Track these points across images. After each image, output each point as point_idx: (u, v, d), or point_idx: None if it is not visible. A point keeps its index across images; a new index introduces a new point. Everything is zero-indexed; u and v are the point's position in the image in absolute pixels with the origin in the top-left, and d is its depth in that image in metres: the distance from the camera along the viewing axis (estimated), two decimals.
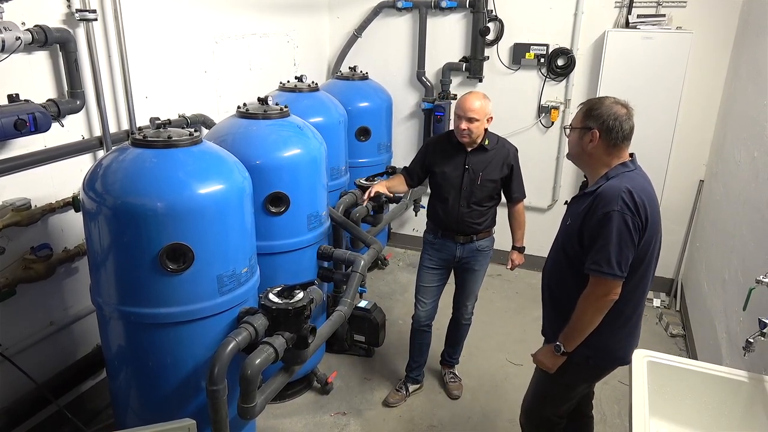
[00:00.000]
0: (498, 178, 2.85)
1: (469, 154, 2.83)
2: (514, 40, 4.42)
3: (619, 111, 1.94)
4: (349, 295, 2.84)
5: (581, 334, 2.00)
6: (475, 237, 2.93)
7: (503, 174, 2.86)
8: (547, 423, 2.31)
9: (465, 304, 3.15)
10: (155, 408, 2.31)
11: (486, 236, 2.98)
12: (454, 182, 2.85)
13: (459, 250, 2.95)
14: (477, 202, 2.86)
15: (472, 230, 2.91)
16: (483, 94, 2.80)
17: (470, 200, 2.85)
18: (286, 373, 2.47)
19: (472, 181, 2.82)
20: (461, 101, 2.78)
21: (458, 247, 2.95)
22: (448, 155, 2.88)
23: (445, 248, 2.98)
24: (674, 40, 3.88)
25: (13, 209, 2.43)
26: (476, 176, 2.82)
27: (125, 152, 2.16)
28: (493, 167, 2.84)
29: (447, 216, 2.90)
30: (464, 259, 2.98)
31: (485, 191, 2.85)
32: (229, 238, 2.22)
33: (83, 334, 2.87)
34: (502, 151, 2.86)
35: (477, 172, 2.82)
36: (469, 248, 2.95)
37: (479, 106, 2.72)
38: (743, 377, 1.93)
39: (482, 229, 2.93)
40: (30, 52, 2.47)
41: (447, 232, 2.95)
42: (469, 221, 2.88)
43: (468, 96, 2.78)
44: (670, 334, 3.93)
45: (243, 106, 2.89)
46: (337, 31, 4.93)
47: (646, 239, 1.92)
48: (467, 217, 2.87)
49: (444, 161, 2.89)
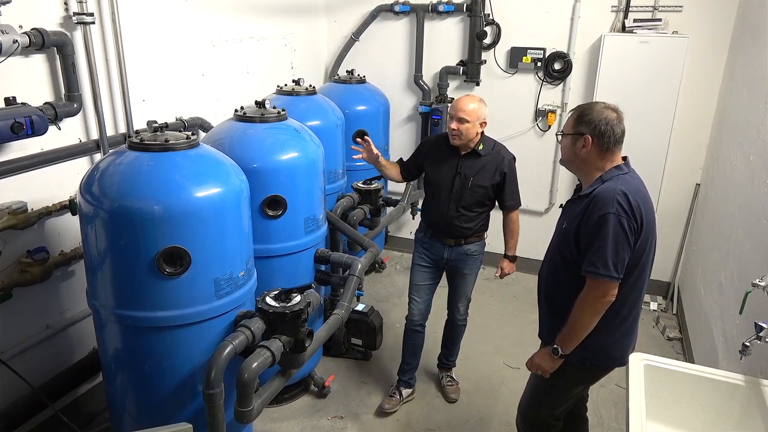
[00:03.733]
0: (489, 184, 2.83)
1: (462, 158, 2.83)
2: (511, 43, 4.44)
3: (610, 115, 1.95)
4: (347, 299, 2.83)
5: (579, 336, 2.01)
6: (463, 241, 2.93)
7: (495, 181, 2.84)
8: (544, 425, 2.32)
9: (457, 306, 3.15)
10: (152, 412, 2.30)
11: (476, 240, 2.97)
12: (445, 184, 2.85)
13: (447, 252, 2.96)
14: (466, 206, 2.85)
15: (460, 234, 2.91)
16: (480, 98, 2.80)
17: (459, 204, 2.84)
18: (283, 377, 2.46)
19: (462, 185, 2.82)
20: (456, 102, 2.79)
21: (446, 249, 2.95)
22: (442, 157, 2.88)
23: (434, 248, 3.00)
24: (670, 45, 3.89)
25: (10, 212, 2.43)
26: (467, 181, 2.81)
27: (122, 155, 2.16)
28: (485, 173, 2.82)
29: (436, 217, 2.92)
30: (452, 261, 2.98)
31: (475, 196, 2.84)
32: (226, 242, 2.22)
33: (79, 338, 2.86)
34: (497, 157, 2.84)
35: (468, 176, 2.81)
36: (458, 251, 2.95)
37: (472, 108, 2.72)
38: (740, 381, 1.93)
39: (471, 234, 2.92)
40: (27, 55, 2.47)
41: (436, 233, 2.96)
42: (458, 225, 2.88)
43: (463, 98, 2.79)
44: (667, 337, 3.94)
45: (240, 110, 2.89)
46: (335, 34, 4.94)
47: (642, 241, 1.93)
48: (456, 221, 2.87)
49: (437, 162, 2.89)
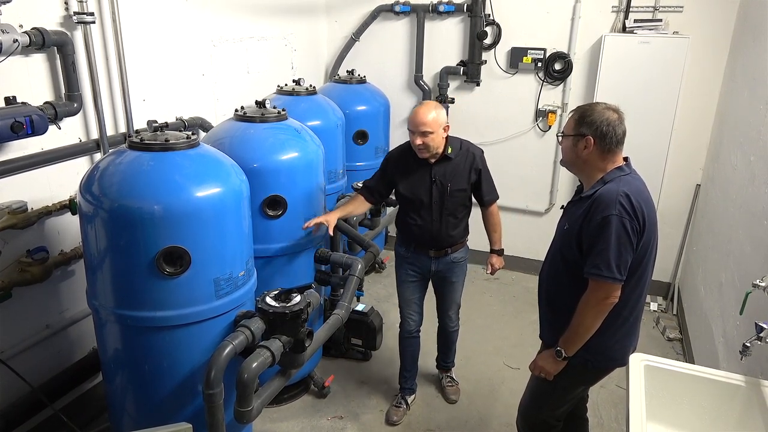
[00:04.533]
0: (467, 185, 2.75)
1: (433, 165, 2.71)
2: (511, 44, 4.43)
3: (612, 116, 1.94)
4: (347, 299, 2.83)
5: (582, 338, 2.01)
6: (449, 250, 2.85)
7: (472, 180, 2.76)
8: (544, 426, 2.31)
9: (448, 314, 3.10)
10: (151, 411, 2.30)
11: (460, 248, 2.90)
12: (423, 197, 2.74)
13: (434, 264, 2.88)
14: (450, 213, 2.76)
15: (447, 243, 2.83)
16: (435, 104, 2.67)
17: (443, 213, 2.75)
18: (282, 377, 2.46)
19: (441, 194, 2.72)
20: (412, 116, 2.62)
21: (432, 261, 2.87)
22: (411, 169, 2.75)
23: (420, 261, 2.90)
24: (671, 45, 3.89)
25: (10, 212, 2.43)
26: (444, 188, 2.71)
27: (122, 155, 2.15)
28: (461, 175, 2.73)
29: (421, 231, 2.80)
30: (440, 272, 2.91)
31: (456, 201, 2.76)
32: (226, 242, 2.22)
33: (79, 338, 2.86)
34: (468, 156, 2.74)
35: (445, 183, 2.70)
36: (444, 261, 2.87)
37: (432, 118, 2.57)
38: (740, 381, 1.93)
39: (457, 241, 2.86)
40: (27, 55, 2.47)
41: (420, 247, 2.86)
42: (444, 234, 2.79)
43: (419, 109, 2.61)
44: (668, 338, 3.94)
45: (240, 110, 2.89)
46: (335, 34, 4.94)
47: (644, 242, 1.93)
48: (442, 231, 2.78)
49: (408, 175, 2.76)
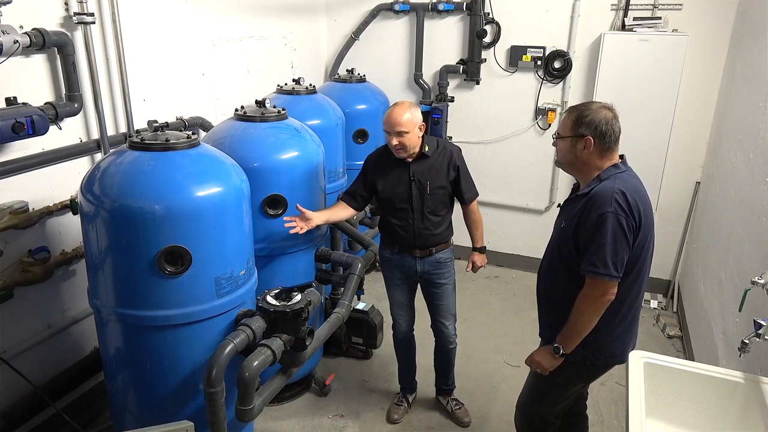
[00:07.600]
0: (446, 183, 2.74)
1: (411, 164, 2.71)
2: (510, 42, 4.43)
3: (608, 115, 1.97)
4: (347, 298, 2.84)
5: (579, 335, 2.02)
6: (434, 249, 2.81)
7: (451, 177, 2.74)
8: (543, 422, 2.32)
9: (444, 324, 2.98)
10: (153, 410, 2.31)
11: (445, 247, 2.87)
12: (403, 196, 2.73)
13: (419, 265, 2.84)
14: (431, 211, 2.74)
15: (431, 242, 2.80)
16: (409, 103, 2.68)
17: (423, 211, 2.73)
18: (284, 376, 2.47)
19: (421, 192, 2.71)
20: (387, 116, 2.62)
21: (417, 261, 2.83)
22: (390, 170, 2.76)
23: (405, 263, 2.87)
24: (670, 43, 3.89)
25: (11, 212, 2.43)
26: (424, 186, 2.70)
27: (123, 155, 2.16)
28: (440, 173, 2.72)
29: (404, 232, 2.78)
30: (426, 273, 2.86)
31: (437, 199, 2.74)
32: (227, 241, 2.23)
33: (81, 337, 2.87)
34: (445, 154, 2.74)
35: (424, 182, 2.70)
36: (429, 261, 2.83)
37: (407, 119, 2.58)
38: (739, 378, 1.94)
39: (441, 240, 2.83)
40: (28, 55, 2.48)
41: (404, 248, 2.84)
42: (427, 233, 2.77)
43: (393, 109, 2.62)
44: (667, 335, 3.94)
45: (240, 109, 2.90)
46: (335, 33, 4.94)
47: (641, 239, 1.94)
48: (425, 230, 2.76)
49: (387, 177, 2.76)
